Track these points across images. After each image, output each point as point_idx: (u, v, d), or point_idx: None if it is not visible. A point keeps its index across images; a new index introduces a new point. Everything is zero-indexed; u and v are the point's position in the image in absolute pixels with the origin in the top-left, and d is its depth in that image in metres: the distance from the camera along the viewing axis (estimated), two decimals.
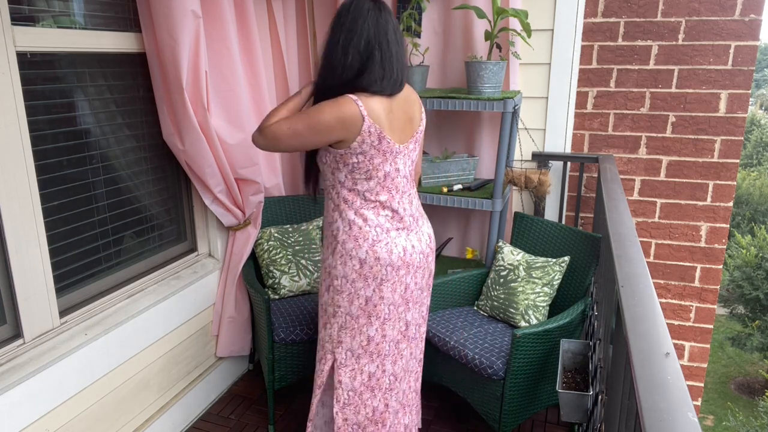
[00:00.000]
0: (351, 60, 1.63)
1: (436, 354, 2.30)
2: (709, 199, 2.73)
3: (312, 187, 1.87)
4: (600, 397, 1.77)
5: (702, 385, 2.91)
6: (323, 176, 1.80)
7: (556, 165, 2.86)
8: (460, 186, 2.67)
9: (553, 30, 2.70)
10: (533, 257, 2.43)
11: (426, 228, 1.86)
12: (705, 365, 2.90)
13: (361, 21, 1.64)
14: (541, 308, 2.30)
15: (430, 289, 1.94)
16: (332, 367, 1.83)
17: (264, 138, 1.67)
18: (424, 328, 1.96)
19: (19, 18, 1.67)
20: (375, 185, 1.72)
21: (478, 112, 2.83)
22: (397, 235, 1.76)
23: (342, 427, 1.85)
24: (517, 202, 2.95)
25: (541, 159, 2.84)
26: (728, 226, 2.74)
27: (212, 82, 2.19)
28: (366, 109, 1.61)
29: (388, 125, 1.67)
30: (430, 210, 2.97)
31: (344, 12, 1.66)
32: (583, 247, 2.35)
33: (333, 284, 1.77)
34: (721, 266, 2.80)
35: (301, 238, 2.64)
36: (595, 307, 2.34)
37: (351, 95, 1.62)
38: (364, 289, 1.75)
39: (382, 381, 1.86)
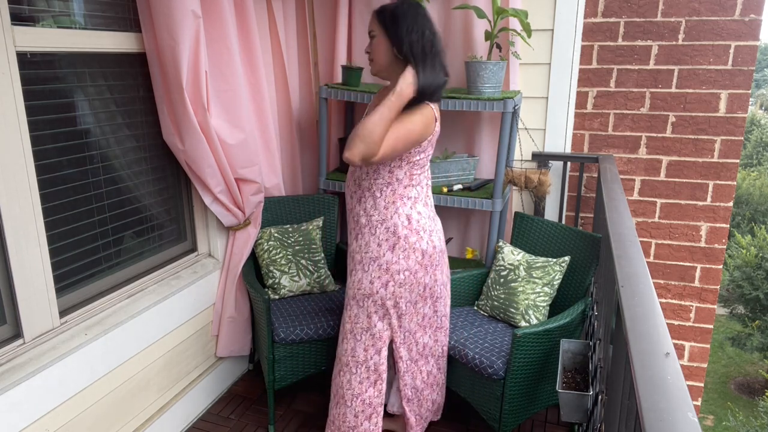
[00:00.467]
0: (440, 63, 1.82)
1: None
2: (709, 199, 2.73)
3: None
4: (600, 397, 1.77)
5: (702, 385, 2.91)
6: (371, 176, 1.86)
7: (556, 165, 2.86)
8: (460, 186, 2.67)
9: (553, 30, 2.70)
10: (533, 257, 2.43)
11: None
12: (705, 365, 2.90)
13: (432, 24, 1.81)
14: (541, 308, 2.30)
15: None
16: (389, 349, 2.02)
17: (369, 165, 1.77)
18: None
19: (19, 18, 1.67)
20: (423, 178, 1.90)
21: (478, 112, 2.83)
22: (438, 221, 1.99)
23: (404, 390, 2.06)
24: (517, 202, 2.95)
25: (541, 159, 2.84)
26: (728, 226, 2.74)
27: (212, 82, 2.19)
28: (435, 110, 1.82)
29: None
30: None
31: (415, 13, 1.76)
32: (583, 247, 2.35)
33: (394, 279, 1.89)
34: (721, 266, 2.80)
35: (301, 238, 2.64)
36: (595, 307, 2.34)
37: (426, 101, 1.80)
38: (424, 277, 1.93)
39: (435, 350, 2.09)
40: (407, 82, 1.72)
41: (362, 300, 1.94)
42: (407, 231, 1.86)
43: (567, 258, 2.36)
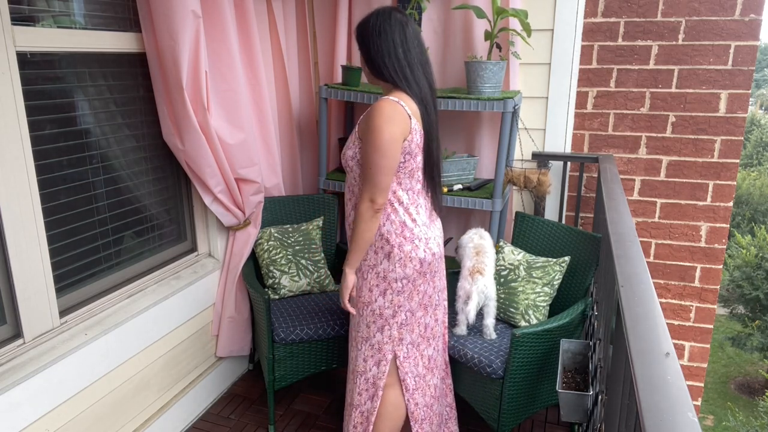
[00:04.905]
0: (418, 73, 1.81)
1: None
2: (709, 199, 2.73)
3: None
4: (600, 397, 1.77)
5: (702, 385, 2.91)
6: (361, 181, 1.82)
7: (556, 165, 2.86)
8: (460, 186, 2.67)
9: (553, 30, 2.70)
10: (533, 257, 2.43)
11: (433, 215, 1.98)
12: (705, 365, 2.90)
13: (404, 34, 1.80)
14: (541, 308, 2.30)
15: None
16: (392, 363, 1.93)
17: (378, 212, 1.75)
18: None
19: (19, 18, 1.67)
20: (415, 183, 1.83)
21: (478, 112, 2.83)
22: (435, 228, 1.91)
23: (415, 411, 1.96)
24: (517, 201, 2.95)
25: (541, 159, 2.84)
26: (728, 226, 2.74)
27: (212, 82, 2.19)
28: (406, 106, 1.73)
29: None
30: None
31: (382, 29, 1.75)
32: (583, 247, 2.35)
33: (392, 287, 1.84)
34: (721, 266, 2.80)
35: (301, 238, 2.64)
36: (595, 307, 2.34)
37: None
38: (423, 285, 1.87)
39: (438, 361, 2.03)
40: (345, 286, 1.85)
41: (362, 309, 1.90)
42: (401, 239, 1.79)
43: (567, 258, 2.36)
